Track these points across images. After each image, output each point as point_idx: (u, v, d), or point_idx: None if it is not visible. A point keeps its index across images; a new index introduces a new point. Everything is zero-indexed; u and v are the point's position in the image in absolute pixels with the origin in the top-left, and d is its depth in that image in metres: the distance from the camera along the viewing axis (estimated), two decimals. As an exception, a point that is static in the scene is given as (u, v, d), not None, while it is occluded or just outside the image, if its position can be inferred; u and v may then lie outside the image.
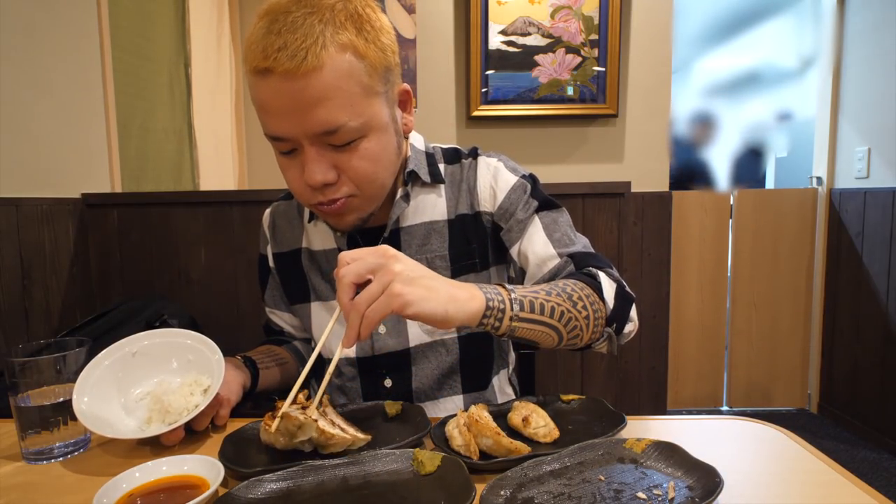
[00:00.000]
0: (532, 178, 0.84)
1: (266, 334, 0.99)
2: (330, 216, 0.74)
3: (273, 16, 0.62)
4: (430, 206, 0.83)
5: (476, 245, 0.83)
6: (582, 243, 0.80)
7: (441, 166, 0.85)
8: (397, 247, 0.82)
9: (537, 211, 0.81)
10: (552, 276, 0.77)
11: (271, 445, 0.59)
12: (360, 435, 0.60)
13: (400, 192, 0.80)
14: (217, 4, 2.15)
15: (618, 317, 0.70)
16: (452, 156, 0.87)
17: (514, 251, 0.81)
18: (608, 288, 0.70)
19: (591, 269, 0.74)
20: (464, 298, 0.59)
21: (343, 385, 0.87)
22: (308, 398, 0.66)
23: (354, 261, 0.58)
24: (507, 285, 0.64)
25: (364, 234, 0.83)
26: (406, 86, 0.75)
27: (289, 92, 0.62)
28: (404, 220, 0.82)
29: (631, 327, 0.73)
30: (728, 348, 2.78)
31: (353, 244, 0.83)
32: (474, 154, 0.86)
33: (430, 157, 0.85)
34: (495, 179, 0.83)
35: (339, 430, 0.59)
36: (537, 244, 0.79)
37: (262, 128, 0.68)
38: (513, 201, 0.81)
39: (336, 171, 0.68)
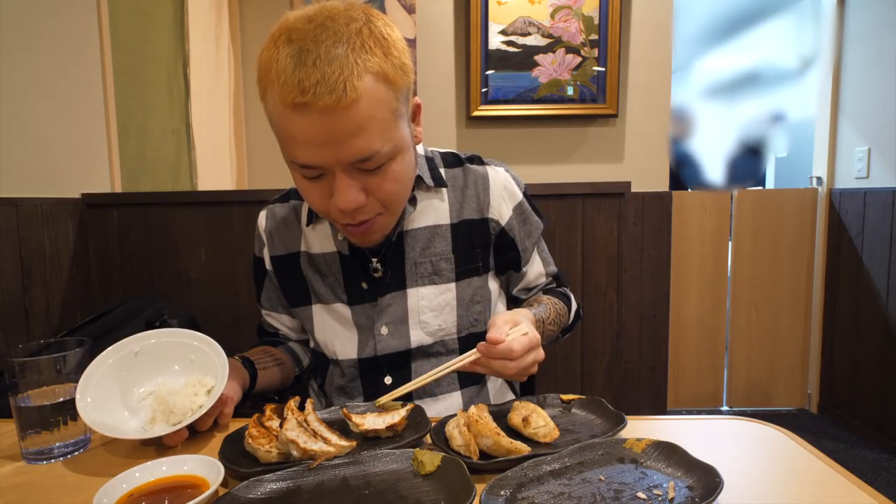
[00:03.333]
0: (527, 194, 0.91)
1: (259, 336, 1.00)
2: (356, 235, 0.75)
3: (300, 44, 0.60)
4: (434, 210, 0.84)
5: (480, 249, 0.86)
6: (553, 261, 0.97)
7: (441, 170, 0.86)
8: (401, 249, 0.83)
9: (540, 228, 0.93)
10: (539, 289, 0.95)
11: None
12: (344, 443, 0.60)
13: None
14: (216, 5, 2.15)
15: (570, 329, 0.95)
16: (452, 160, 0.88)
17: (523, 269, 0.92)
18: (573, 309, 0.95)
19: (566, 290, 0.96)
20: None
21: (345, 385, 0.87)
22: (300, 405, 0.65)
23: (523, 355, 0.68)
24: (535, 316, 0.78)
25: None
26: (418, 99, 0.76)
27: (327, 125, 0.61)
28: (408, 223, 0.83)
29: (570, 334, 0.98)
30: (728, 348, 2.78)
31: (355, 248, 0.83)
32: (479, 161, 0.88)
33: (430, 162, 0.86)
34: (506, 191, 0.87)
35: (321, 441, 0.59)
36: (536, 265, 0.93)
37: (286, 155, 0.67)
38: (522, 221, 0.88)
39: (365, 193, 0.69)
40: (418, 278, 0.83)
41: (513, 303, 0.97)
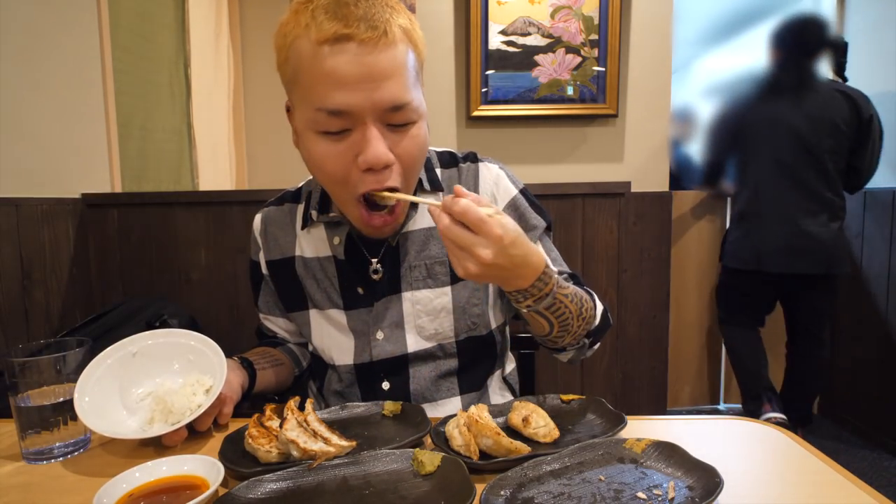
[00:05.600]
0: (526, 192, 0.87)
1: (259, 338, 0.99)
2: (377, 222, 0.71)
3: None
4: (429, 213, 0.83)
5: None
6: (565, 263, 0.89)
7: (438, 171, 0.85)
8: (397, 253, 0.82)
9: (546, 228, 0.87)
10: None
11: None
12: (344, 443, 0.60)
13: None
14: (216, 4, 2.15)
15: (597, 333, 0.80)
16: (448, 160, 0.87)
17: None
18: (599, 309, 0.81)
19: (588, 289, 0.83)
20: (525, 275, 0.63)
21: (342, 391, 0.87)
22: (300, 405, 0.65)
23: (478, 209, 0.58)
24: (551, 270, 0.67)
25: (365, 239, 0.82)
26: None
27: (365, 61, 0.62)
28: (405, 225, 0.82)
29: (598, 346, 0.85)
30: (728, 348, 2.77)
31: (351, 251, 0.82)
32: (473, 158, 0.87)
33: (427, 162, 0.85)
34: (497, 186, 0.85)
35: (321, 441, 0.59)
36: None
37: (313, 103, 0.64)
38: (518, 217, 0.84)
39: (392, 152, 0.67)
40: (413, 282, 0.82)
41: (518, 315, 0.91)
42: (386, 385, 0.84)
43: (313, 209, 0.83)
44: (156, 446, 0.65)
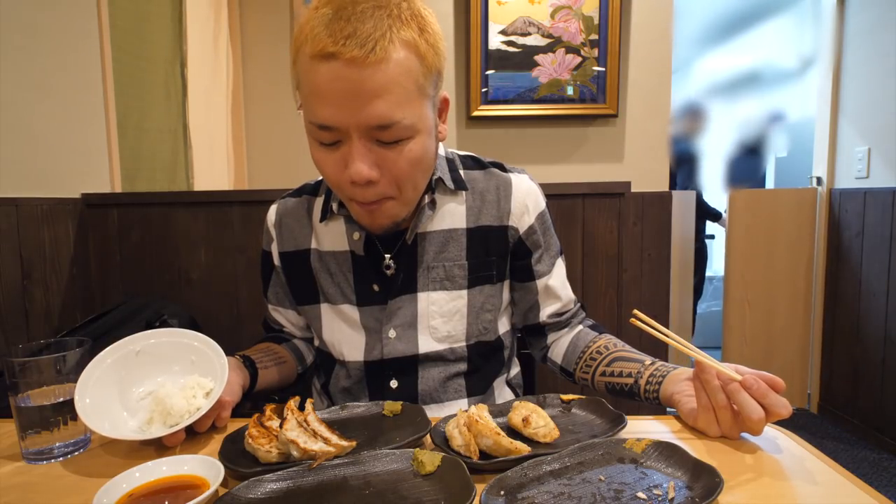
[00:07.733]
0: (549, 208, 0.89)
1: (264, 330, 0.99)
2: (364, 215, 0.73)
3: (339, 4, 0.62)
4: (450, 214, 0.83)
5: (495, 258, 0.84)
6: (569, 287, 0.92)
7: (461, 172, 0.85)
8: (415, 252, 0.81)
9: (560, 253, 0.90)
10: (572, 316, 0.91)
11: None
12: (344, 443, 0.60)
13: (426, 199, 0.79)
14: (214, 5, 2.15)
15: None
16: (471, 163, 0.87)
17: (539, 283, 0.87)
18: None
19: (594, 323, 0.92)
20: None
21: (350, 387, 0.87)
22: (300, 405, 0.65)
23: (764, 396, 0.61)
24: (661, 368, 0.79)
25: (383, 238, 0.82)
26: (447, 94, 0.75)
27: (350, 80, 0.61)
28: (425, 226, 0.82)
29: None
30: (728, 348, 2.77)
31: (370, 249, 0.82)
32: (502, 167, 0.87)
33: (450, 163, 0.85)
34: (530, 198, 0.86)
35: (321, 441, 0.59)
36: (561, 286, 0.89)
37: (307, 115, 0.66)
38: (543, 231, 0.87)
39: (379, 169, 0.67)
40: (430, 283, 0.82)
41: (536, 332, 0.92)
42: (394, 383, 0.84)
43: (334, 202, 0.83)
44: (156, 446, 0.65)
